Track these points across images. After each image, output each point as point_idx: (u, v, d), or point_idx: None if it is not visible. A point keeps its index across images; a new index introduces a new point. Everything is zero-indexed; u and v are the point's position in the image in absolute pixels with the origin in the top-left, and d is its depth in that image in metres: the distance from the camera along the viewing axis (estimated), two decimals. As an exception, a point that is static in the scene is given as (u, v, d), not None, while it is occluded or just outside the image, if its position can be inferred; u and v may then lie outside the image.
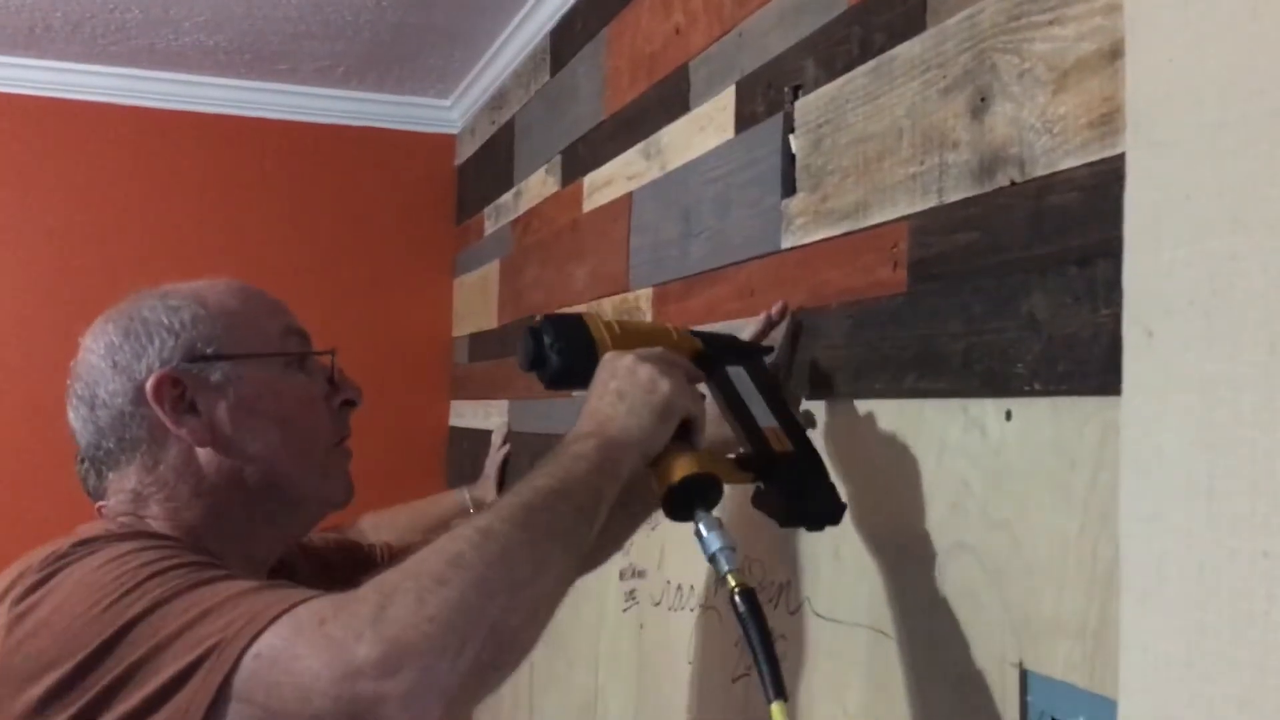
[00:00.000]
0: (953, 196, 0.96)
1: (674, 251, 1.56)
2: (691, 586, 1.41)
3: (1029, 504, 0.87)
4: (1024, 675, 0.87)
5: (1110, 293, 0.77)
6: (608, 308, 1.83)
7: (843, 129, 1.13)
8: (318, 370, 1.09)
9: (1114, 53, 0.78)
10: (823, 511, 1.03)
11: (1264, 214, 0.60)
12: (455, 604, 0.76)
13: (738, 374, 1.13)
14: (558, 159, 2.15)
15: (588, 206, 1.96)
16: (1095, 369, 0.79)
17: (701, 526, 0.95)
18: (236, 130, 2.91)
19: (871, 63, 1.08)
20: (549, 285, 2.17)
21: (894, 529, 1.04)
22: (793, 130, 1.23)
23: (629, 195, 1.75)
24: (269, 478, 1.02)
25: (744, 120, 1.37)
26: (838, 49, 1.15)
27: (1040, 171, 0.85)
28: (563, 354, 1.04)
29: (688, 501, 0.97)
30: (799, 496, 1.03)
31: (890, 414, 1.05)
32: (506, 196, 2.53)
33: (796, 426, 1.08)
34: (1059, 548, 0.83)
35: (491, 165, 2.70)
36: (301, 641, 0.75)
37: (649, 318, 1.66)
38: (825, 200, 1.16)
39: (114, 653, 0.80)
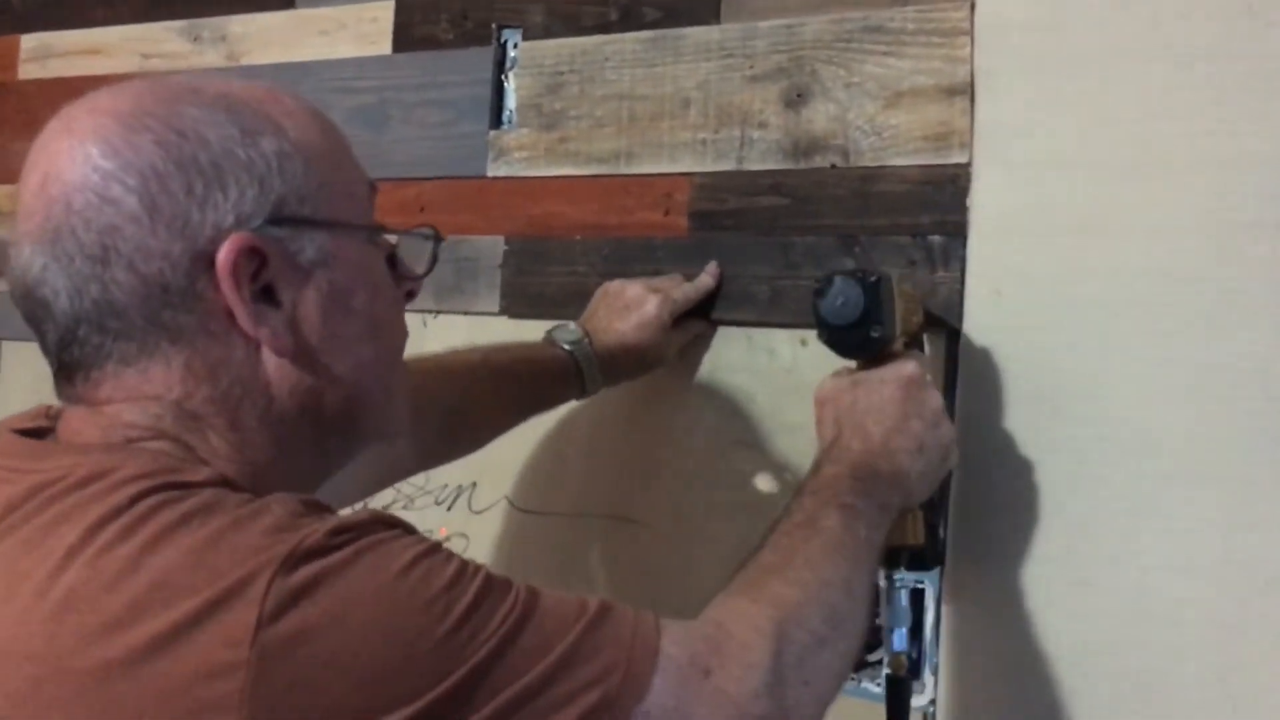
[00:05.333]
0: (757, 166, 1.19)
1: (258, 152, 1.48)
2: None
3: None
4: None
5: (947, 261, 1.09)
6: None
7: (598, 82, 1.27)
8: (380, 245, 0.79)
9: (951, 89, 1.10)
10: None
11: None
12: (831, 673, 0.76)
13: None
14: (-50, 3, 1.78)
15: (35, 73, 1.69)
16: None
17: (904, 597, 0.97)
18: None
19: (649, 33, 1.25)
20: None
21: (646, 430, 1.23)
22: (512, 68, 1.33)
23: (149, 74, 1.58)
24: (349, 406, 0.75)
25: (414, 41, 1.40)
26: (585, 9, 1.29)
27: (868, 163, 1.13)
28: (884, 328, 0.90)
29: (903, 562, 0.96)
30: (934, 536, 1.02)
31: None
32: None
33: None
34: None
35: None
36: (693, 699, 0.68)
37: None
38: (565, 141, 1.29)
39: (463, 702, 0.62)
